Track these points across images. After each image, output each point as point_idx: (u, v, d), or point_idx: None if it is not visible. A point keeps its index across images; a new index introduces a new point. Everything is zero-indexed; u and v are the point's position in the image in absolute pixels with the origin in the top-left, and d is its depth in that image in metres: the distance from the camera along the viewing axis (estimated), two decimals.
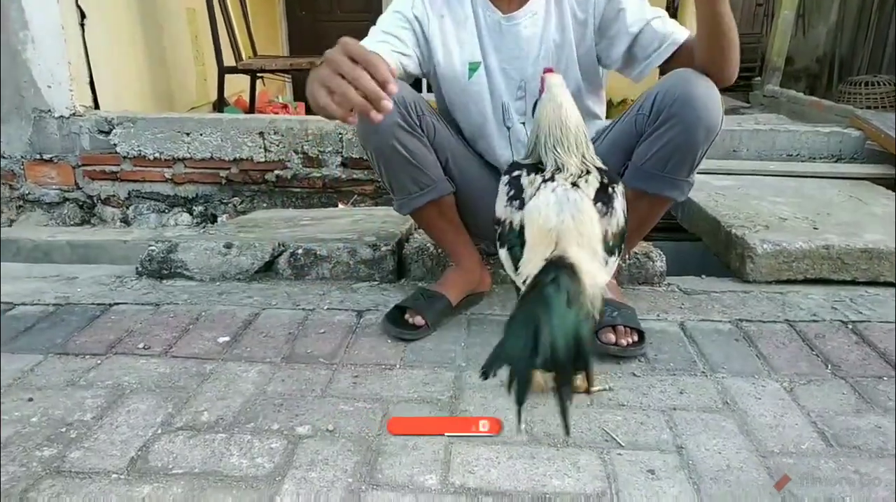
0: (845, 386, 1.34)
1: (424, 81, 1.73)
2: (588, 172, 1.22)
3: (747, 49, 7.29)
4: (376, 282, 1.84)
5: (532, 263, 1.12)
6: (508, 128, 1.59)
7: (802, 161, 2.82)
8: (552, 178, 1.20)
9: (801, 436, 1.18)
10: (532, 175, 1.24)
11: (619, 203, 1.22)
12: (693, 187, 1.49)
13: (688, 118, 1.35)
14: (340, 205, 2.91)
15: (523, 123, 1.58)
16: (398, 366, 1.41)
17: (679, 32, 1.45)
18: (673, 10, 5.32)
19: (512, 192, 1.25)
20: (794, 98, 4.27)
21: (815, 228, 1.95)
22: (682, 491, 1.04)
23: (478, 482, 1.06)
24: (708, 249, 2.13)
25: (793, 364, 1.42)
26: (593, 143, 1.34)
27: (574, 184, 1.18)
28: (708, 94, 1.35)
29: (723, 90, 1.40)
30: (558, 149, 1.23)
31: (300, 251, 1.85)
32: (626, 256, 1.80)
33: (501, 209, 1.26)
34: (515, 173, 1.27)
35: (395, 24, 1.50)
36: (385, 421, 1.22)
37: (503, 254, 1.24)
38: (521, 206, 1.21)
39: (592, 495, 1.03)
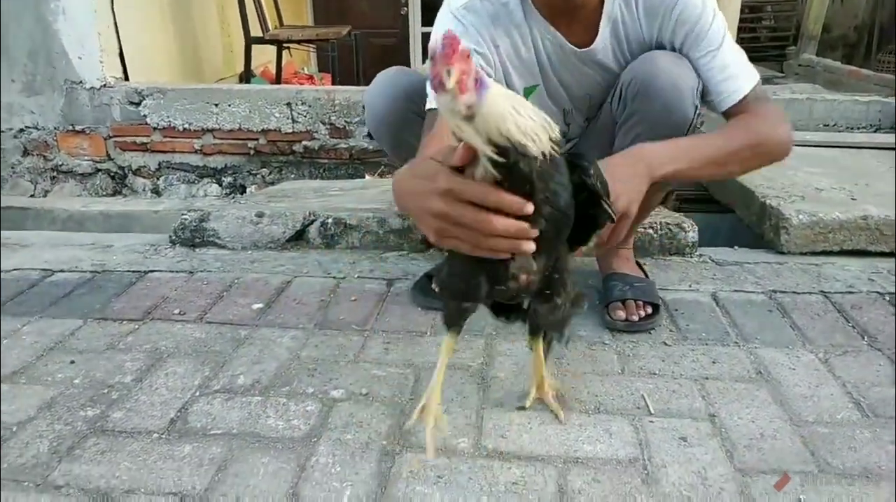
0: (881, 357, 1.32)
1: None
2: None
3: (780, 17, 7.12)
4: (405, 252, 1.85)
5: None
6: (568, 125, 1.54)
7: (840, 131, 2.74)
8: None
9: (837, 407, 1.17)
10: None
11: None
12: None
13: (652, 114, 1.29)
14: (367, 177, 2.92)
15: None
16: (428, 334, 1.42)
17: (735, 88, 1.29)
18: None
19: None
20: (831, 67, 4.15)
21: (852, 199, 1.90)
22: (714, 457, 1.04)
23: (510, 446, 1.07)
24: (740, 220, 2.10)
25: (828, 335, 1.40)
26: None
27: None
28: (673, 84, 1.27)
29: (754, 60, 1.33)
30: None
31: (330, 220, 1.86)
32: (634, 239, 1.73)
33: None
34: None
35: None
36: (418, 385, 1.23)
37: None
38: None
39: (624, 460, 1.04)
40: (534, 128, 0.78)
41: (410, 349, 1.36)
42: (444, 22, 1.34)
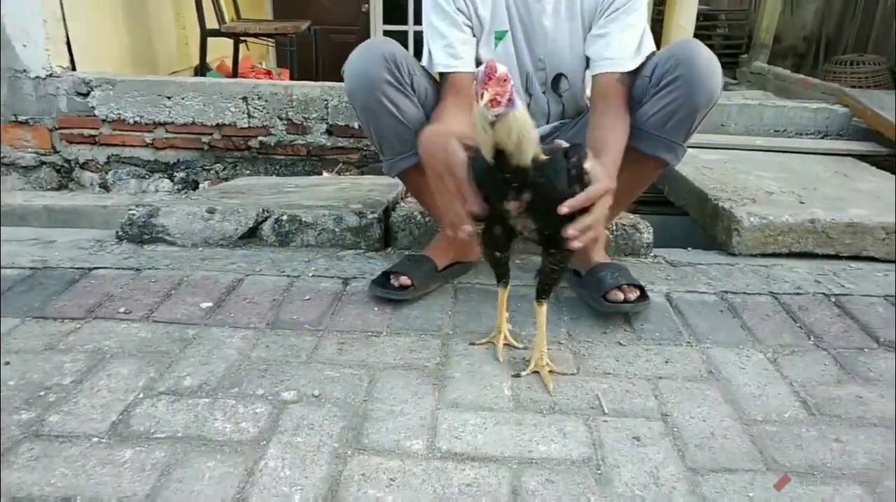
0: (827, 357, 1.35)
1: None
2: None
3: (734, 26, 7.32)
4: (362, 251, 1.82)
5: None
6: (530, 96, 1.58)
7: (789, 136, 2.82)
8: None
9: (784, 405, 1.19)
10: None
11: None
12: (682, 159, 1.50)
13: (691, 79, 1.37)
14: (325, 174, 2.87)
15: (544, 93, 1.57)
16: (384, 333, 1.40)
17: (623, 63, 1.43)
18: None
19: None
20: (781, 75, 4.27)
21: (801, 203, 1.95)
22: (666, 457, 1.05)
23: (464, 447, 1.06)
24: (694, 223, 2.13)
25: (777, 335, 1.43)
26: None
27: None
28: (710, 60, 1.38)
29: None
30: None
31: (285, 217, 1.82)
32: (611, 225, 1.79)
33: None
34: None
35: (450, 19, 1.46)
36: (372, 386, 1.21)
37: None
38: None
39: (578, 460, 1.04)
40: (527, 144, 1.02)
41: (365, 349, 1.34)
42: None
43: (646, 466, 1.03)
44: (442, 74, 1.49)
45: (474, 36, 1.50)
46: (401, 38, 6.06)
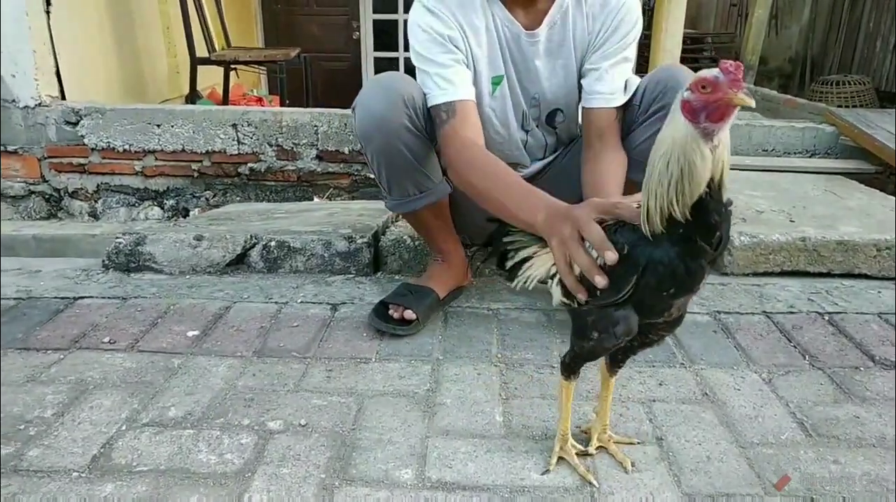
0: (823, 376, 1.34)
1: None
2: None
3: (721, 49, 7.43)
4: (352, 275, 1.80)
5: None
6: (527, 132, 1.56)
7: (778, 156, 2.84)
8: None
9: (781, 427, 1.17)
10: None
11: None
12: None
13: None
14: (316, 199, 2.86)
15: (537, 126, 1.56)
16: (373, 360, 1.38)
17: (615, 97, 1.41)
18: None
19: None
20: (768, 96, 4.31)
21: (791, 221, 1.95)
22: (662, 482, 1.02)
23: (455, 476, 1.03)
24: None
25: (771, 355, 1.41)
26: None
27: None
28: None
29: None
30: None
31: (273, 243, 1.80)
32: None
33: None
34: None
35: (446, 53, 1.37)
36: (360, 415, 1.18)
37: None
38: None
39: (571, 488, 1.01)
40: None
41: (354, 377, 1.31)
42: (418, 13, 1.39)
43: (640, 492, 1.00)
44: (440, 105, 1.37)
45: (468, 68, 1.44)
46: (392, 64, 6.12)
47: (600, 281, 0.90)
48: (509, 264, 1.14)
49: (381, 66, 6.15)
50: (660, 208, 0.82)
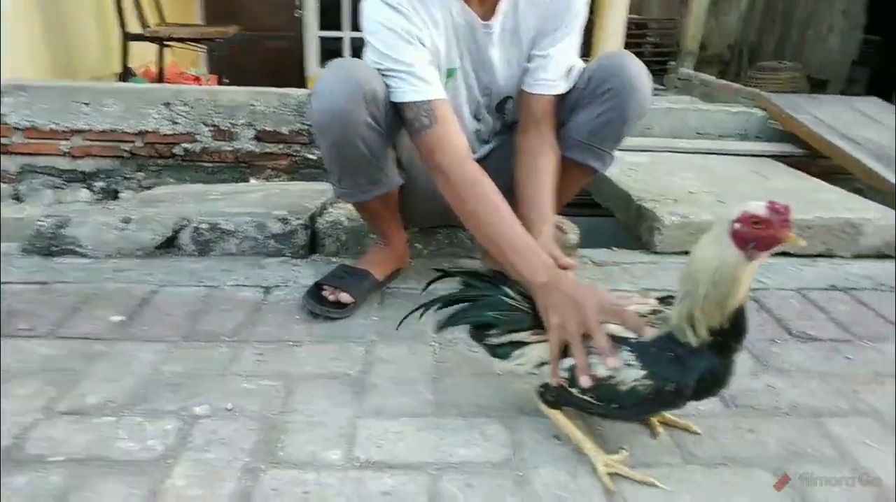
0: (743, 350, 1.39)
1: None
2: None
3: (664, 34, 7.57)
4: (287, 258, 1.77)
5: None
6: (479, 120, 1.55)
7: (712, 139, 2.92)
8: None
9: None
10: None
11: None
12: (611, 164, 1.54)
13: (624, 91, 1.39)
14: (253, 180, 2.80)
15: (488, 113, 1.55)
16: (306, 343, 1.36)
17: (557, 84, 1.43)
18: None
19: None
20: (706, 81, 4.42)
21: (720, 202, 2.02)
22: (586, 454, 1.04)
23: (384, 455, 1.03)
24: (620, 223, 2.17)
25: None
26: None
27: None
28: (642, 72, 1.41)
29: None
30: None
31: (204, 225, 1.75)
32: None
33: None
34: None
35: (414, 51, 1.30)
36: (290, 398, 1.16)
37: None
38: None
39: (498, 463, 1.03)
40: None
41: (284, 360, 1.29)
42: (377, 8, 1.30)
43: (565, 466, 1.02)
44: (416, 104, 1.31)
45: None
46: (337, 44, 6.00)
47: (585, 381, 0.98)
48: (493, 341, 1.09)
49: (327, 46, 6.03)
50: (707, 320, 0.91)
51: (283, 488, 0.96)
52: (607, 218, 2.38)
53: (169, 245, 1.77)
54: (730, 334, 0.92)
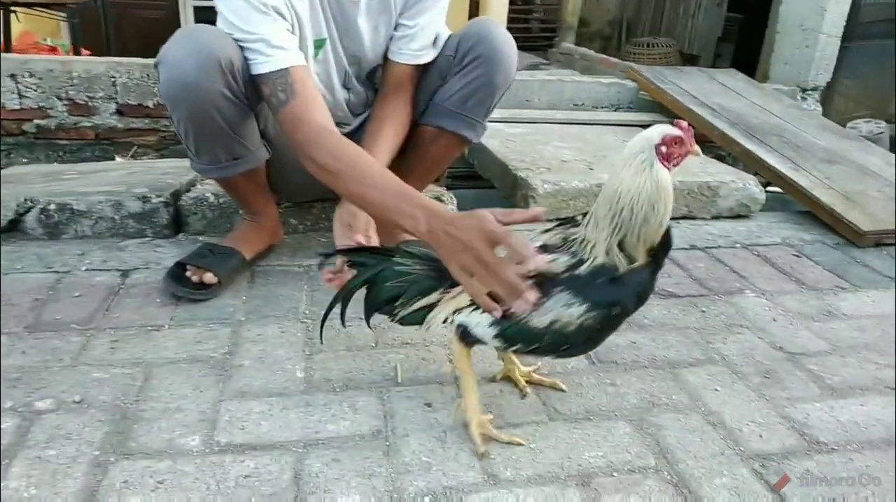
0: None
1: None
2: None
3: (549, 10, 7.74)
4: (148, 238, 1.66)
5: None
6: (349, 90, 1.50)
7: (587, 110, 3.02)
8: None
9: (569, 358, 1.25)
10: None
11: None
12: (486, 134, 1.56)
13: (491, 59, 1.40)
14: (119, 159, 2.60)
15: (358, 83, 1.50)
16: (167, 326, 1.28)
17: (422, 55, 1.43)
18: None
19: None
20: (586, 55, 4.56)
21: (590, 169, 2.09)
22: (456, 419, 1.05)
23: (246, 437, 0.99)
24: (501, 194, 2.20)
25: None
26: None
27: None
28: (508, 40, 1.42)
29: (526, 49, 1.46)
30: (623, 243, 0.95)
31: (52, 206, 1.60)
32: None
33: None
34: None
35: (270, 23, 1.22)
36: (147, 385, 1.09)
37: None
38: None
39: (368, 435, 1.01)
40: None
41: (143, 345, 1.21)
42: None
43: (434, 431, 1.03)
44: (269, 75, 1.23)
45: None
46: (214, 13, 5.67)
47: (532, 296, 0.92)
48: (402, 313, 1.04)
49: (203, 17, 5.69)
50: (645, 242, 0.93)
51: (135, 480, 0.90)
52: (491, 189, 2.41)
53: (13, 229, 1.61)
54: (661, 248, 0.96)
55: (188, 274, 1.39)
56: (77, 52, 3.48)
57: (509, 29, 1.50)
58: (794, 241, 1.91)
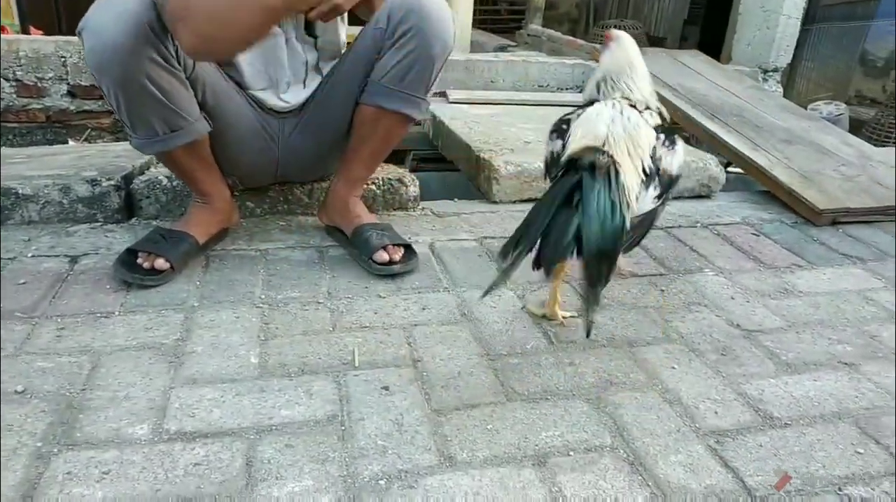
0: (570, 289, 1.45)
1: None
2: (649, 108, 1.27)
3: None
4: (99, 223, 1.60)
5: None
6: (286, 41, 1.44)
7: (552, 91, 3.01)
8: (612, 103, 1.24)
9: (527, 337, 1.25)
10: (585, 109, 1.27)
11: (681, 149, 1.26)
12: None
13: (424, 30, 1.35)
14: (72, 142, 2.52)
15: (296, 38, 1.46)
16: (117, 313, 1.24)
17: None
18: None
19: (556, 128, 1.29)
20: (553, 36, 4.54)
21: None
22: (413, 402, 1.04)
23: (197, 425, 0.97)
24: (466, 176, 2.19)
25: (527, 273, 1.50)
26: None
27: (633, 107, 1.23)
28: (441, 8, 1.36)
29: (495, 31, 1.43)
30: (628, 83, 1.28)
31: None
32: (378, 180, 1.77)
33: (546, 144, 1.32)
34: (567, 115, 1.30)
35: None
36: (94, 373, 1.06)
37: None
38: (562, 137, 1.24)
39: (322, 419, 1.00)
40: None
41: (91, 333, 1.18)
42: None
43: (391, 415, 1.01)
44: None
45: None
46: None
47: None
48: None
49: None
50: None
51: (79, 471, 0.87)
52: (456, 172, 2.39)
53: None
54: None
55: (139, 260, 1.35)
56: (26, 31, 3.34)
57: (478, 11, 1.47)
58: (753, 220, 1.93)
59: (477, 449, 0.95)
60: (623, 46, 1.32)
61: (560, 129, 1.28)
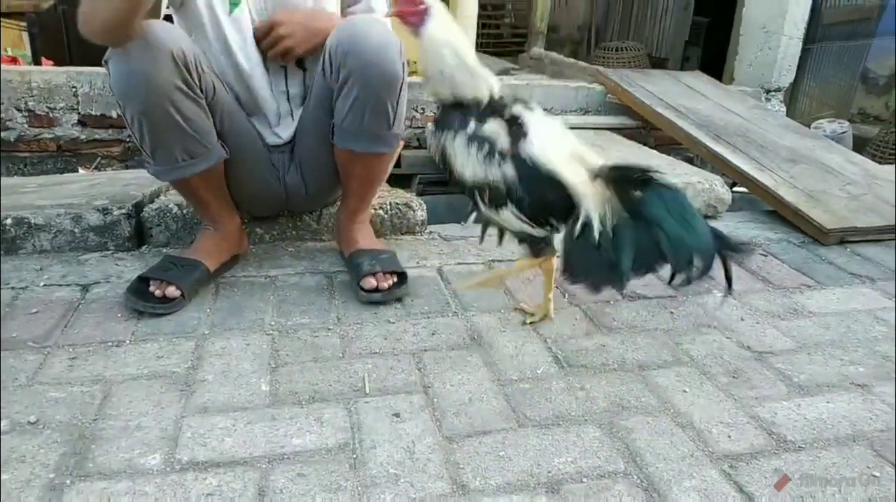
0: (578, 312, 1.45)
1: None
2: (515, 100, 1.25)
3: (520, 16, 7.79)
4: (110, 252, 1.62)
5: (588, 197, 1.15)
6: (268, 71, 1.46)
7: (556, 114, 3.03)
8: (511, 120, 1.21)
9: (538, 362, 1.25)
10: (488, 123, 1.20)
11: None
12: (400, 140, 1.50)
13: (363, 71, 1.30)
14: (82, 170, 2.54)
15: (283, 66, 1.47)
16: (128, 342, 1.25)
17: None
18: None
19: (485, 149, 1.19)
20: (556, 59, 4.59)
21: None
22: (424, 429, 1.04)
23: (209, 454, 0.97)
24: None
25: (536, 296, 1.50)
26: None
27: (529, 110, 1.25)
28: (380, 42, 1.30)
29: (497, 54, 1.46)
30: (474, 76, 1.22)
31: (8, 221, 1.56)
32: (386, 205, 1.78)
33: (479, 171, 1.21)
34: (469, 129, 1.20)
35: None
36: (106, 403, 1.06)
37: (506, 214, 1.21)
38: (504, 159, 1.17)
39: (334, 448, 0.99)
40: None
41: (102, 362, 1.18)
42: None
43: (403, 442, 1.01)
44: None
45: None
46: None
47: None
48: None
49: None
50: None
51: None
52: (462, 194, 2.40)
53: None
54: None
55: (151, 288, 1.36)
56: (38, 62, 3.40)
57: (481, 34, 1.50)
58: (760, 241, 1.93)
59: (489, 476, 0.95)
60: (440, 20, 1.20)
61: (493, 152, 1.19)
